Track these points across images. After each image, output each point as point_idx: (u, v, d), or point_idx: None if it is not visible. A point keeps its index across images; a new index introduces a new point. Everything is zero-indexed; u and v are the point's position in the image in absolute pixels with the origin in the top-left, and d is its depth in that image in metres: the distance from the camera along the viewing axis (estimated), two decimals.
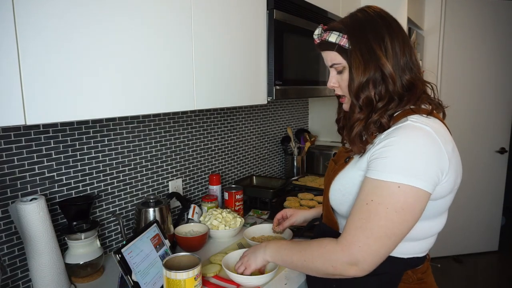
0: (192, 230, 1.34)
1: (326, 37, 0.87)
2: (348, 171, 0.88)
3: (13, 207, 0.96)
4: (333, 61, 0.88)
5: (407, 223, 0.76)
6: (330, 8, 1.71)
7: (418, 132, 0.77)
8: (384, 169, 0.75)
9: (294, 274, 1.11)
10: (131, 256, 0.94)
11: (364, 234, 0.75)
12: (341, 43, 0.85)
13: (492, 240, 3.24)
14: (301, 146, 2.23)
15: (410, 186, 0.73)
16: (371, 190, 0.77)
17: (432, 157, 0.75)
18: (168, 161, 1.48)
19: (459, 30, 2.86)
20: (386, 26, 0.84)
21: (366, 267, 0.76)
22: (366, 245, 0.75)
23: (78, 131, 1.15)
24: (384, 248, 0.76)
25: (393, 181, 0.74)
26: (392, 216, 0.74)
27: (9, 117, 0.67)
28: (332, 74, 0.91)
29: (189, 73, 1.05)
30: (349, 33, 0.85)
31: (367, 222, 0.75)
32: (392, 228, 0.75)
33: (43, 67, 0.71)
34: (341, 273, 0.78)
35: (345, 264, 0.77)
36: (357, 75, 0.83)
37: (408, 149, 0.75)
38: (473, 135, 2.99)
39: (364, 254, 0.75)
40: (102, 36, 0.81)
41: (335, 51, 0.87)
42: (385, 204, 0.74)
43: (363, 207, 0.77)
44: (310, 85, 1.63)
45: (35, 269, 0.97)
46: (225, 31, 1.17)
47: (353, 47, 0.84)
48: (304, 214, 1.25)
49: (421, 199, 0.75)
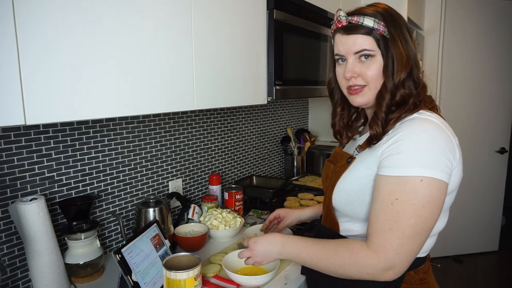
0: (192, 230, 1.34)
1: (360, 20, 0.80)
2: (353, 171, 0.86)
3: (13, 207, 0.96)
4: (364, 46, 0.81)
5: (434, 216, 0.74)
6: (330, 8, 1.71)
7: (428, 123, 0.76)
8: (401, 164, 0.73)
9: (294, 275, 1.11)
10: (131, 256, 0.94)
11: (396, 235, 0.72)
12: (380, 28, 0.80)
13: (492, 240, 3.23)
14: (301, 146, 2.23)
15: (432, 178, 0.72)
16: (392, 188, 0.74)
17: (445, 147, 0.75)
18: (168, 161, 1.48)
19: (459, 30, 2.86)
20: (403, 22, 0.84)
21: (402, 269, 0.74)
22: (400, 247, 0.72)
23: (78, 131, 1.15)
24: (418, 246, 0.74)
25: (414, 175, 0.72)
26: (420, 211, 0.72)
27: (9, 117, 0.67)
28: (351, 62, 0.83)
29: (189, 73, 1.05)
30: (386, 20, 0.80)
31: (397, 222, 0.72)
32: (422, 224, 0.72)
33: (43, 67, 0.71)
34: (377, 278, 0.75)
35: (381, 270, 0.74)
36: (399, 68, 0.79)
37: (421, 141, 0.74)
38: (473, 135, 2.99)
39: (400, 256, 0.73)
40: (102, 36, 0.81)
41: (370, 36, 0.80)
42: (411, 200, 0.72)
43: (388, 207, 0.74)
44: (310, 85, 1.62)
45: (35, 269, 0.97)
46: (225, 31, 1.17)
47: (393, 36, 0.80)
48: (299, 214, 1.22)
49: (442, 190, 0.74)
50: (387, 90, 0.82)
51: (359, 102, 0.87)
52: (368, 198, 0.82)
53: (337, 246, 0.80)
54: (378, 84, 0.83)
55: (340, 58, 0.87)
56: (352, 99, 0.88)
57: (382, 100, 0.82)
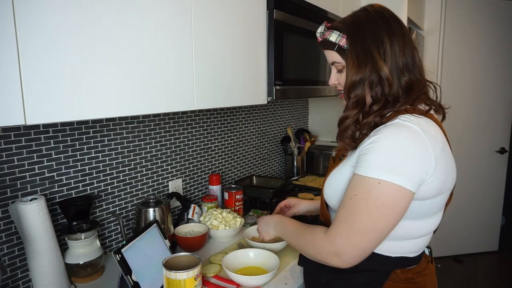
0: (192, 230, 1.34)
1: (327, 36, 0.89)
2: (340, 168, 0.90)
3: (13, 207, 0.96)
4: (333, 59, 0.91)
5: (387, 219, 0.77)
6: (330, 8, 1.71)
7: (405, 130, 0.77)
8: (367, 165, 0.78)
9: (294, 275, 1.11)
10: (131, 256, 0.94)
11: (346, 227, 0.79)
12: (341, 43, 0.88)
13: (492, 240, 3.24)
14: (301, 146, 2.23)
15: (390, 183, 0.74)
16: (355, 185, 0.80)
17: (416, 156, 0.76)
18: (168, 161, 1.48)
19: (459, 30, 2.86)
20: (386, 27, 0.84)
21: (348, 259, 0.79)
22: (347, 238, 0.78)
23: (78, 131, 1.15)
24: (364, 242, 0.78)
25: (374, 177, 0.76)
26: (372, 211, 0.76)
27: (9, 117, 0.67)
28: (333, 72, 0.94)
29: (189, 73, 1.05)
30: (348, 33, 0.87)
31: (350, 216, 0.79)
32: (371, 223, 0.77)
33: (43, 67, 0.71)
34: (326, 261, 0.83)
35: (330, 253, 0.81)
36: (349, 74, 0.86)
37: (392, 146, 0.76)
38: (473, 135, 2.99)
39: (345, 246, 0.79)
40: (102, 36, 0.81)
41: (335, 50, 0.89)
42: (365, 199, 0.77)
43: (347, 201, 0.80)
44: (310, 85, 1.62)
45: (35, 269, 0.97)
46: (225, 31, 1.17)
47: (350, 47, 0.86)
48: (307, 205, 1.28)
49: (402, 196, 0.76)
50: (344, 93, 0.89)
51: None
52: None
53: (305, 229, 0.93)
54: None
55: None
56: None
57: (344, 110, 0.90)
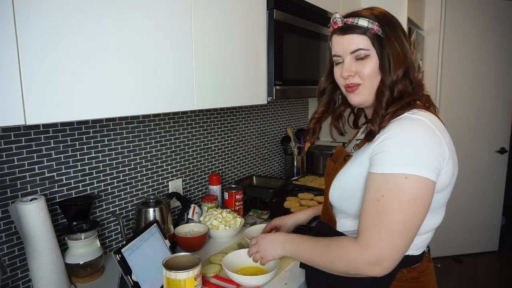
0: (192, 230, 1.34)
1: (355, 21, 0.83)
2: (348, 168, 0.88)
3: (13, 207, 0.96)
4: (359, 45, 0.83)
5: (420, 213, 0.75)
6: (330, 8, 1.71)
7: (416, 122, 0.78)
8: (387, 162, 0.75)
9: (294, 275, 1.11)
10: (131, 256, 0.94)
11: (383, 231, 0.74)
12: (374, 28, 0.82)
13: (492, 240, 3.23)
14: (301, 146, 2.23)
15: (417, 176, 0.73)
16: (379, 186, 0.76)
17: (432, 145, 0.76)
18: (168, 161, 1.48)
19: (459, 30, 2.86)
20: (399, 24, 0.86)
21: (388, 265, 0.75)
22: (386, 243, 0.74)
23: (78, 131, 1.15)
24: (404, 243, 0.75)
25: (399, 173, 0.74)
26: (405, 208, 0.74)
27: (9, 117, 0.67)
28: (348, 61, 0.86)
29: (189, 73, 1.05)
30: (380, 21, 0.83)
31: (383, 218, 0.75)
32: (407, 220, 0.74)
33: (43, 67, 0.71)
34: (363, 273, 0.78)
35: (368, 264, 0.76)
36: (397, 65, 0.81)
37: (408, 140, 0.76)
38: (473, 135, 2.99)
39: (386, 252, 0.74)
40: (102, 36, 0.81)
41: (365, 35, 0.83)
42: (396, 197, 0.74)
43: (375, 204, 0.76)
44: (310, 85, 1.62)
45: (35, 269, 0.97)
46: (225, 31, 1.17)
47: (388, 35, 0.82)
48: (295, 219, 1.23)
49: (428, 188, 0.75)
50: (386, 86, 0.84)
51: (356, 101, 0.90)
52: (361, 194, 0.84)
53: (329, 243, 0.84)
54: (374, 82, 0.85)
55: (338, 58, 0.89)
56: (350, 98, 0.91)
57: (382, 96, 0.84)
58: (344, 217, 0.92)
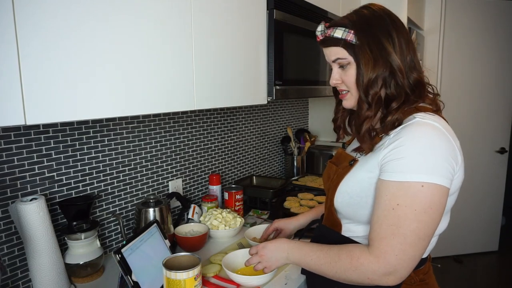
0: (192, 230, 1.34)
1: (331, 33, 0.85)
2: (355, 174, 0.87)
3: (13, 207, 0.96)
4: (337, 55, 0.86)
5: (436, 221, 0.75)
6: (330, 8, 1.71)
7: (428, 128, 0.76)
8: (403, 169, 0.74)
9: (294, 275, 1.11)
10: (131, 256, 0.94)
11: (398, 241, 0.73)
12: (348, 38, 0.83)
13: (492, 240, 3.24)
14: (301, 146, 2.23)
15: (433, 184, 0.72)
16: (394, 194, 0.74)
17: (446, 152, 0.75)
18: (168, 161, 1.48)
19: (459, 30, 2.86)
20: (392, 22, 0.84)
21: (403, 274, 0.74)
22: (402, 252, 0.73)
23: (78, 131, 1.15)
24: (419, 251, 0.74)
25: (415, 181, 0.72)
26: (422, 217, 0.72)
27: (9, 117, 0.67)
28: (334, 70, 0.89)
29: (189, 73, 1.05)
30: (356, 28, 0.83)
31: (398, 227, 0.73)
32: (423, 229, 0.73)
33: (43, 67, 0.71)
34: (377, 283, 0.76)
35: (383, 275, 0.74)
36: (366, 71, 0.82)
37: (422, 146, 0.74)
38: (473, 135, 2.99)
39: (402, 262, 0.73)
40: (102, 36, 0.81)
41: (340, 46, 0.85)
42: (412, 206, 0.72)
43: (389, 213, 0.74)
44: (310, 85, 1.62)
45: (35, 269, 0.97)
46: (225, 31, 1.17)
47: (361, 42, 0.82)
48: (297, 224, 1.24)
49: (443, 195, 0.74)
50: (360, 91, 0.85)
51: (347, 106, 0.92)
52: (369, 200, 0.83)
53: (339, 252, 0.81)
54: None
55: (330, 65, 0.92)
56: (343, 103, 0.93)
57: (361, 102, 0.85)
58: (349, 222, 0.90)
